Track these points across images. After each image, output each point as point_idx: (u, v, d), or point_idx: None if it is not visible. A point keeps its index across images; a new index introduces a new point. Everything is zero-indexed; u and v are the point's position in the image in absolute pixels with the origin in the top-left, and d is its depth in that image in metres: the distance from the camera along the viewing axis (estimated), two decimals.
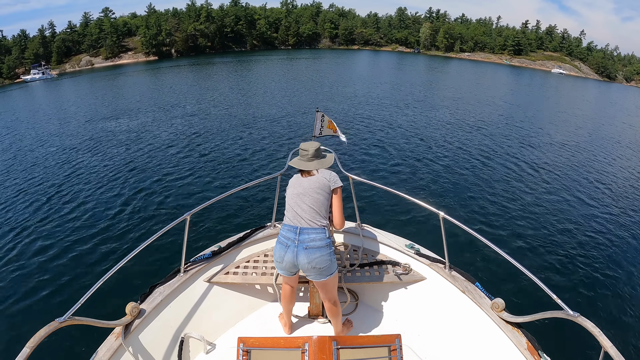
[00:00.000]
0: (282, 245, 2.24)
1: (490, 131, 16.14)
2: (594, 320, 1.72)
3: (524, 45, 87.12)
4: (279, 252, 2.25)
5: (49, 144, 14.46)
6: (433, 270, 2.74)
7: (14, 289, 5.68)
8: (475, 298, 2.43)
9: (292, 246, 2.19)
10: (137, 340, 2.19)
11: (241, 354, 1.64)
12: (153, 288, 2.46)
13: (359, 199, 3.27)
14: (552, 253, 6.61)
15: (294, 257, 2.19)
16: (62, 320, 1.75)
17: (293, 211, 2.27)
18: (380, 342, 1.73)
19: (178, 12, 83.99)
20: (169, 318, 2.42)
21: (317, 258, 2.18)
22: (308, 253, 2.17)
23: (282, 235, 2.26)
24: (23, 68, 61.32)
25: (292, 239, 2.20)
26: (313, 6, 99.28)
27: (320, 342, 1.63)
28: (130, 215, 7.80)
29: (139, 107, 21.25)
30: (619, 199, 9.64)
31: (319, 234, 2.20)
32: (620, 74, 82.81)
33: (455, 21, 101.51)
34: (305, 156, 2.39)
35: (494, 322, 2.28)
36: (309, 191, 2.28)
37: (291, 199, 2.31)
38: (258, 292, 2.94)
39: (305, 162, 2.39)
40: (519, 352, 2.07)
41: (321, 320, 2.72)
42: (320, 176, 2.34)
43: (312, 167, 2.36)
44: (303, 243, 2.18)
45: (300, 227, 2.21)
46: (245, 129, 15.14)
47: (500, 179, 10.17)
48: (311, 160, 2.39)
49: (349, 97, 23.57)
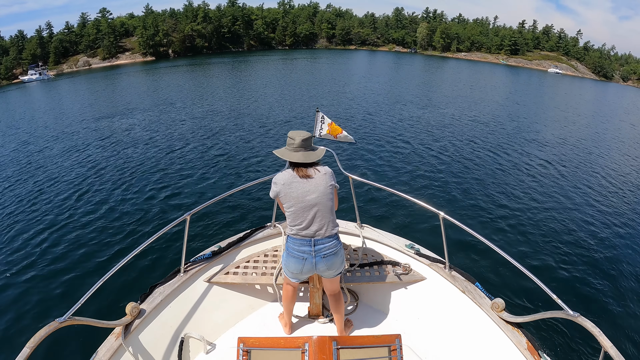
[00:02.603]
0: (297, 259, 2.17)
1: (490, 130, 16.17)
2: (594, 321, 1.73)
3: (520, 45, 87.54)
4: (296, 266, 2.19)
5: (47, 145, 14.36)
6: (433, 271, 2.74)
7: (14, 289, 5.66)
8: (475, 298, 2.44)
9: (310, 258, 2.15)
10: (137, 341, 2.19)
11: (241, 354, 1.64)
12: (153, 288, 2.46)
13: (358, 199, 3.27)
14: (552, 253, 6.61)
15: (313, 266, 2.18)
16: (62, 320, 1.75)
17: (304, 224, 2.13)
18: (380, 342, 1.74)
19: (175, 13, 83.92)
20: (169, 318, 2.42)
21: (335, 262, 2.21)
22: (327, 260, 2.17)
23: (295, 249, 2.16)
24: (20, 69, 61.11)
25: (308, 252, 2.15)
26: (310, 6, 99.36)
27: (320, 342, 1.63)
28: (129, 215, 7.77)
29: (137, 107, 21.18)
30: (622, 200, 9.62)
31: (333, 240, 2.18)
32: (617, 73, 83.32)
33: (453, 21, 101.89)
34: (291, 145, 2.17)
35: (494, 322, 2.29)
36: (319, 199, 2.11)
37: (298, 209, 2.12)
38: (258, 292, 2.94)
39: (291, 151, 2.17)
40: (519, 352, 2.08)
41: (321, 321, 2.72)
42: (322, 177, 2.15)
43: (299, 159, 2.14)
44: (320, 252, 2.15)
45: (314, 239, 2.14)
46: (245, 128, 15.11)
47: (500, 179, 10.18)
48: (297, 150, 2.16)
49: (347, 97, 23.57)
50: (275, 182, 2.17)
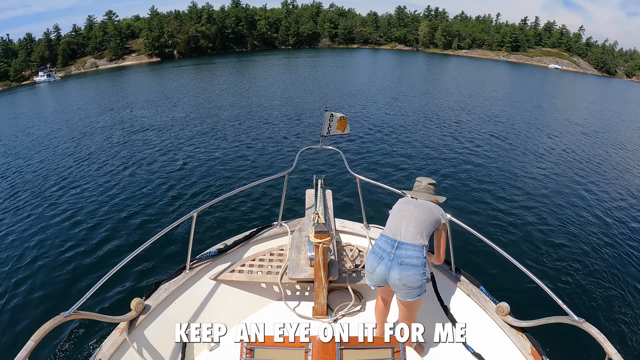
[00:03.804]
0: (375, 256, 2.18)
1: (498, 129, 16.03)
2: (599, 327, 1.71)
3: (521, 41, 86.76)
4: (372, 262, 2.20)
5: (55, 144, 14.56)
6: (438, 272, 2.72)
7: (21, 282, 5.74)
8: (480, 301, 2.44)
9: (387, 259, 2.12)
10: (141, 336, 2.21)
11: (245, 351, 1.65)
12: (158, 284, 2.48)
13: (365, 200, 3.27)
14: (559, 258, 6.50)
15: (387, 271, 2.13)
16: (68, 314, 1.77)
17: (396, 224, 2.21)
18: (384, 344, 1.74)
19: (180, 14, 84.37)
20: (173, 314, 2.43)
21: (410, 276, 2.08)
22: (402, 269, 2.08)
23: (378, 245, 2.21)
24: (29, 71, 62.05)
25: (388, 252, 2.13)
26: (313, 6, 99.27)
27: (324, 342, 1.64)
28: (137, 211, 7.85)
29: (144, 107, 21.34)
30: (632, 204, 9.37)
31: (416, 252, 2.11)
32: (621, 69, 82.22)
33: (455, 19, 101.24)
34: (417, 187, 2.47)
35: (498, 326, 2.28)
36: (418, 210, 2.24)
37: (398, 212, 2.29)
38: (263, 291, 2.94)
39: (415, 191, 2.46)
40: (523, 356, 2.07)
41: (325, 320, 2.70)
42: (432, 204, 2.34)
43: (422, 197, 2.39)
44: (398, 258, 2.10)
45: (399, 240, 2.13)
46: (251, 128, 15.16)
47: (508, 180, 10.06)
48: (421, 192, 2.43)
49: (352, 95, 23.56)
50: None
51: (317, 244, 2.41)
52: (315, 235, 2.39)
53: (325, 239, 2.39)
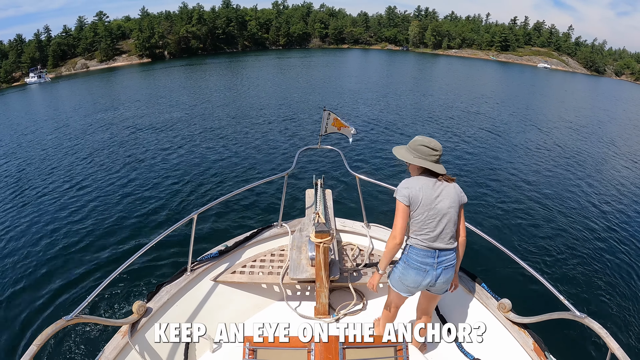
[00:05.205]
0: (419, 271, 2.06)
1: (494, 126, 16.22)
2: (601, 322, 1.73)
3: (511, 41, 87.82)
4: (416, 279, 2.07)
5: (49, 145, 14.37)
6: None
7: (22, 287, 5.70)
8: (481, 298, 2.46)
9: (432, 270, 2.05)
10: (143, 339, 2.19)
11: (247, 352, 1.65)
12: (160, 287, 2.47)
13: (365, 199, 3.28)
14: (559, 253, 6.57)
15: (434, 279, 2.07)
16: (70, 318, 1.75)
17: (432, 234, 1.98)
18: (386, 342, 1.75)
19: (171, 15, 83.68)
20: (175, 316, 2.42)
21: (451, 274, 2.10)
22: (446, 273, 2.07)
23: (418, 261, 2.04)
24: (20, 72, 61.11)
25: (431, 264, 2.04)
26: (304, 6, 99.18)
27: (326, 342, 1.65)
28: (136, 214, 7.80)
29: (138, 108, 21.13)
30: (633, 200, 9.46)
31: (454, 252, 2.08)
32: (611, 68, 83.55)
33: (445, 19, 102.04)
34: (433, 156, 1.98)
35: (500, 323, 2.30)
36: (449, 204, 1.98)
37: (427, 217, 1.97)
38: (264, 291, 2.94)
39: (432, 163, 1.99)
40: (526, 353, 2.09)
41: (327, 320, 2.70)
42: (455, 188, 2.02)
43: (440, 170, 2.00)
44: (442, 264, 2.05)
45: (439, 250, 2.03)
46: (248, 128, 15.10)
47: (506, 177, 10.15)
48: (439, 163, 2.02)
49: (346, 94, 23.62)
50: (407, 187, 2.00)
51: (317, 243, 2.41)
52: (316, 234, 2.39)
53: (326, 238, 2.40)
